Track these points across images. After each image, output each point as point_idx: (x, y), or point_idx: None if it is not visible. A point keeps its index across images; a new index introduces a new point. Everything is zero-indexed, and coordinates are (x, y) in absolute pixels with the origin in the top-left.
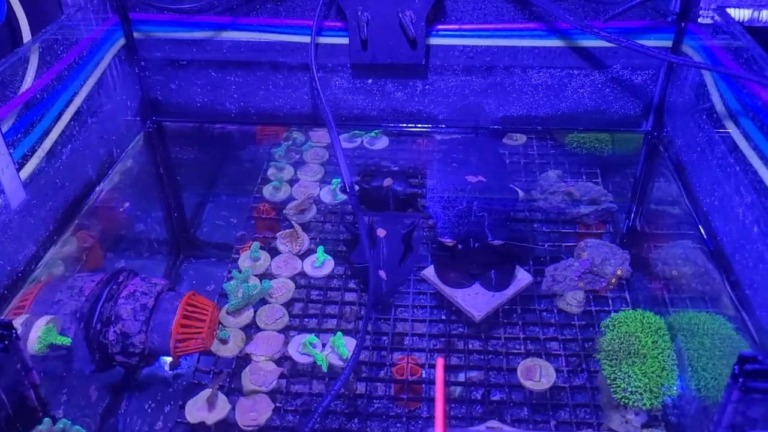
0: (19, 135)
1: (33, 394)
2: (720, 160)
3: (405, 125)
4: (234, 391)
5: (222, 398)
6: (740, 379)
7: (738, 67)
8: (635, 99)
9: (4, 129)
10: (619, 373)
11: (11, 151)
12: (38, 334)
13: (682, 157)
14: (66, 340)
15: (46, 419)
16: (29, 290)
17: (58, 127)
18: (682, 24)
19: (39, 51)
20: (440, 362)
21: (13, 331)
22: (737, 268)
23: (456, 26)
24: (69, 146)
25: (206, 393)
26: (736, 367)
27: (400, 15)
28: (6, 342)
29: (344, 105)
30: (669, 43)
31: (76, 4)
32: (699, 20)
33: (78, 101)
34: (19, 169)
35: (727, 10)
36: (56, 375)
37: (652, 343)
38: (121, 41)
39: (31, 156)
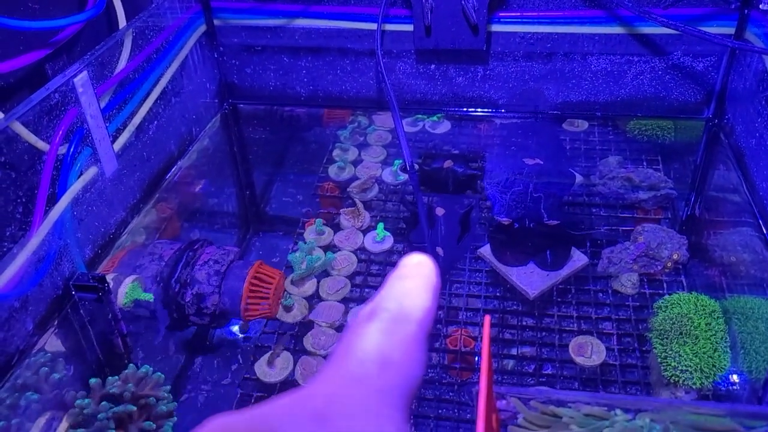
0: (114, 111)
1: (120, 341)
2: None
3: (466, 109)
4: (297, 352)
5: (285, 359)
6: None
7: None
8: (696, 86)
9: (102, 105)
10: (670, 352)
11: (107, 124)
12: (125, 289)
13: (742, 144)
14: (149, 297)
15: (131, 365)
16: (115, 255)
17: (146, 105)
18: (745, 11)
19: (132, 36)
20: (487, 319)
21: (106, 285)
22: None
23: (517, 13)
24: (155, 123)
25: (270, 353)
26: None
27: (463, 2)
28: (100, 293)
29: (407, 89)
30: (732, 30)
31: None
32: (761, 6)
33: (163, 82)
34: (113, 142)
35: None
36: (137, 332)
37: (705, 324)
38: (203, 28)
39: (123, 130)
